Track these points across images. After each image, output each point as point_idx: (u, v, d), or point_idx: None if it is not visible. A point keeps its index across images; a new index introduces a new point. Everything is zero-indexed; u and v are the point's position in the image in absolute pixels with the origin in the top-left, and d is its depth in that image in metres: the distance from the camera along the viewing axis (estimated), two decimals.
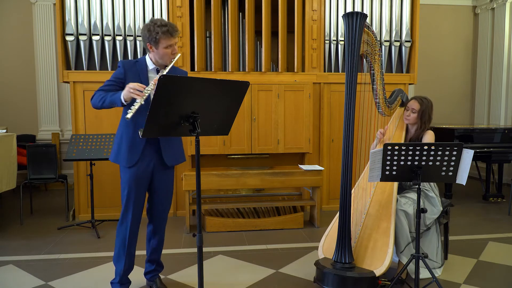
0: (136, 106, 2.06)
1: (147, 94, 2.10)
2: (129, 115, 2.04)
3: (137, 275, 2.78)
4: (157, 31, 2.21)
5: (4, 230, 3.90)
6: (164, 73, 2.22)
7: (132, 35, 4.22)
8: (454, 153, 2.20)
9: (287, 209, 4.06)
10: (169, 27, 2.23)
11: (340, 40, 4.53)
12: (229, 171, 3.90)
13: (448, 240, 3.11)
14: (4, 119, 5.88)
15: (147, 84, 2.28)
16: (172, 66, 2.35)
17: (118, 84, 2.32)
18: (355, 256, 2.53)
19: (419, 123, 2.82)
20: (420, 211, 2.31)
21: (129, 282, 2.50)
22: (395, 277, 2.47)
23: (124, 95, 2.15)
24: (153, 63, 2.35)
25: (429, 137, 2.80)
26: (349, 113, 2.48)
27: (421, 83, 6.36)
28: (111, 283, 2.47)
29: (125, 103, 2.17)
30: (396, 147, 2.19)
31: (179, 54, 2.32)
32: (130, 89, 2.11)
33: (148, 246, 2.57)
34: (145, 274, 2.61)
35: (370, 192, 2.83)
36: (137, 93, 2.09)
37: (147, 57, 2.37)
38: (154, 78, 2.21)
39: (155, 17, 4.24)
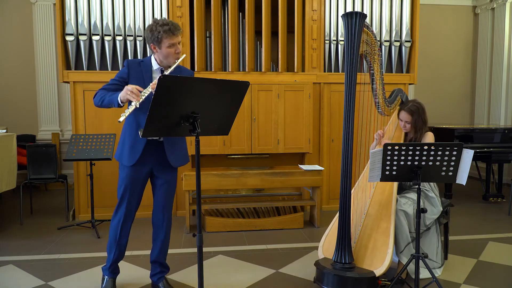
0: (130, 109, 2.11)
1: (143, 97, 2.13)
2: (121, 119, 2.09)
3: (143, 276, 2.79)
4: (159, 30, 2.22)
5: (4, 230, 3.91)
6: (167, 73, 2.25)
7: (132, 35, 4.22)
8: (454, 153, 2.20)
9: (287, 209, 4.06)
10: (170, 26, 2.23)
11: (340, 40, 4.53)
12: (229, 171, 3.90)
13: (448, 240, 3.11)
14: (4, 119, 5.89)
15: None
16: (178, 66, 2.37)
17: (122, 84, 2.35)
18: (355, 256, 2.53)
19: (414, 131, 2.81)
20: (420, 211, 2.31)
21: (118, 272, 2.61)
22: (395, 277, 2.47)
23: (121, 96, 2.18)
24: (158, 63, 2.36)
25: (428, 138, 2.80)
26: (348, 113, 2.48)
27: (421, 83, 6.36)
28: (102, 268, 2.59)
29: (121, 104, 2.20)
30: (396, 147, 2.19)
31: (184, 55, 2.33)
32: (127, 91, 2.13)
33: (152, 248, 2.57)
34: (151, 276, 2.60)
35: (370, 192, 2.83)
36: (133, 96, 2.11)
37: (152, 57, 2.38)
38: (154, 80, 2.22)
39: (155, 17, 4.25)
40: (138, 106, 2.12)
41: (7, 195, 5.24)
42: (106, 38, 4.18)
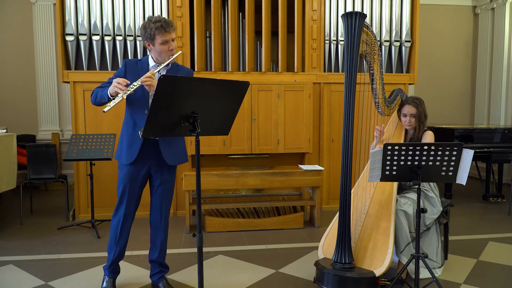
0: (116, 100, 2.14)
1: (132, 90, 2.17)
2: (106, 109, 2.12)
3: (143, 276, 2.80)
4: (151, 27, 2.25)
5: (4, 230, 3.91)
6: (160, 68, 2.29)
7: (132, 35, 4.22)
8: (454, 153, 2.20)
9: (287, 209, 4.06)
10: (162, 23, 2.25)
11: (340, 40, 4.53)
12: (229, 171, 3.90)
13: (448, 240, 3.11)
14: (4, 119, 5.88)
15: None
16: (176, 65, 2.39)
17: None
18: (355, 256, 2.53)
19: (417, 125, 2.82)
20: (420, 211, 2.31)
21: (118, 272, 2.62)
22: (395, 277, 2.47)
23: (110, 89, 2.21)
24: (154, 61, 2.38)
25: (428, 137, 2.80)
26: (348, 113, 2.48)
27: (421, 83, 6.36)
28: (103, 268, 2.60)
29: (111, 98, 2.23)
30: (396, 147, 2.19)
31: (179, 52, 2.34)
32: (115, 83, 2.17)
33: (150, 248, 2.58)
34: (151, 276, 2.60)
35: (370, 192, 2.83)
36: (120, 87, 2.15)
37: (149, 56, 2.41)
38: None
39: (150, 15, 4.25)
40: (125, 97, 2.16)
41: (7, 195, 5.24)
42: (106, 38, 4.18)
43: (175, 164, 2.47)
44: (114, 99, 2.19)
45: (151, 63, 2.39)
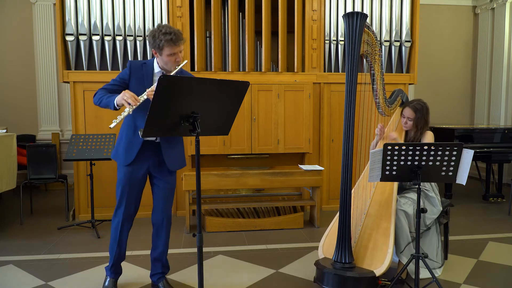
0: (122, 116, 2.16)
1: (138, 103, 2.17)
2: (112, 125, 2.16)
3: (143, 276, 2.80)
4: (161, 39, 2.23)
5: (4, 230, 3.90)
6: None
7: (132, 35, 4.21)
8: (454, 153, 2.20)
9: (287, 209, 4.06)
10: (172, 36, 2.23)
11: (340, 40, 4.53)
12: (229, 171, 3.90)
13: (448, 240, 3.11)
14: (4, 119, 5.88)
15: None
16: (180, 71, 2.36)
17: (122, 85, 2.39)
18: (355, 256, 2.53)
19: (415, 129, 2.82)
20: (420, 211, 2.31)
21: (120, 273, 2.62)
22: (395, 277, 2.47)
23: (117, 100, 2.22)
24: (160, 67, 2.37)
25: (428, 138, 2.80)
26: (349, 113, 2.48)
27: (421, 83, 6.36)
28: (105, 268, 2.61)
29: (117, 108, 2.24)
30: (396, 147, 2.20)
31: (185, 61, 2.34)
32: (124, 97, 2.17)
33: (152, 247, 2.58)
34: (151, 276, 2.61)
35: (370, 192, 2.83)
36: (129, 102, 2.15)
37: (155, 60, 2.40)
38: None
39: (155, 17, 4.25)
40: (131, 113, 2.17)
41: (7, 195, 5.24)
42: (106, 38, 4.18)
43: (176, 169, 2.47)
44: (119, 109, 2.23)
45: (156, 68, 2.38)
